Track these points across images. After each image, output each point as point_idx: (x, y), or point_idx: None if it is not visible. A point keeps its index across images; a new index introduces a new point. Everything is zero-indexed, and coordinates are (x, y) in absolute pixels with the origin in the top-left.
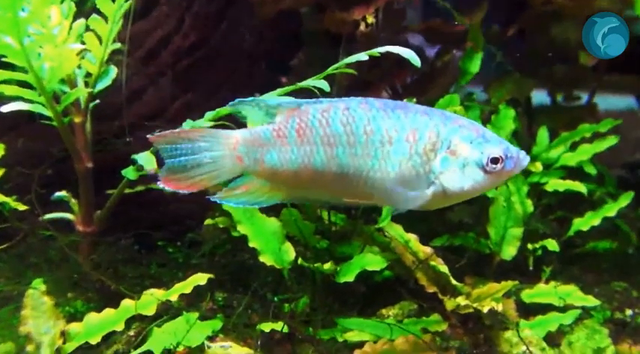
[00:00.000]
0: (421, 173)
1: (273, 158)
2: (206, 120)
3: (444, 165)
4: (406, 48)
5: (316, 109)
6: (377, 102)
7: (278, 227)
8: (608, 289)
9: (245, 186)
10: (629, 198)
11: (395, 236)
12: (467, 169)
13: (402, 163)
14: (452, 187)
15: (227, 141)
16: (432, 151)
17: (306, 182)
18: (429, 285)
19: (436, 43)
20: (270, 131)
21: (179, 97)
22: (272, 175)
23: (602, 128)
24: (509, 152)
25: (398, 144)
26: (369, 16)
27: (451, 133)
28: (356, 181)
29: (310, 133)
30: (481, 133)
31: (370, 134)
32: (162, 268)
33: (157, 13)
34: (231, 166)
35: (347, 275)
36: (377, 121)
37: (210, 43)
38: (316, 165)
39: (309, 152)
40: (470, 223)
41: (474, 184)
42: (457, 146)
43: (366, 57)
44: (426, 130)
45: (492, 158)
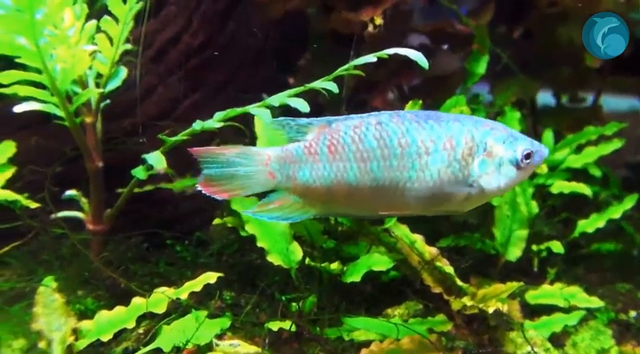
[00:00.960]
0: (460, 178)
1: (306, 175)
2: (215, 120)
3: (482, 167)
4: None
5: (347, 125)
6: (408, 114)
7: (286, 227)
8: (612, 290)
9: (278, 201)
10: (634, 200)
11: (401, 237)
12: (502, 168)
13: (440, 171)
14: (490, 186)
15: (259, 157)
16: (469, 155)
17: (340, 198)
18: (434, 285)
19: (442, 45)
20: (301, 149)
21: (188, 96)
22: (305, 191)
23: (607, 131)
24: (536, 147)
25: (436, 153)
26: (377, 18)
27: (485, 135)
28: (392, 193)
29: (342, 149)
30: (509, 132)
31: (406, 147)
32: (171, 267)
33: (165, 12)
34: (264, 181)
35: (353, 275)
36: (411, 133)
37: (218, 42)
38: (350, 180)
39: (342, 168)
40: (475, 224)
41: (509, 181)
42: (492, 147)
43: (374, 59)
44: (462, 136)
45: (525, 154)
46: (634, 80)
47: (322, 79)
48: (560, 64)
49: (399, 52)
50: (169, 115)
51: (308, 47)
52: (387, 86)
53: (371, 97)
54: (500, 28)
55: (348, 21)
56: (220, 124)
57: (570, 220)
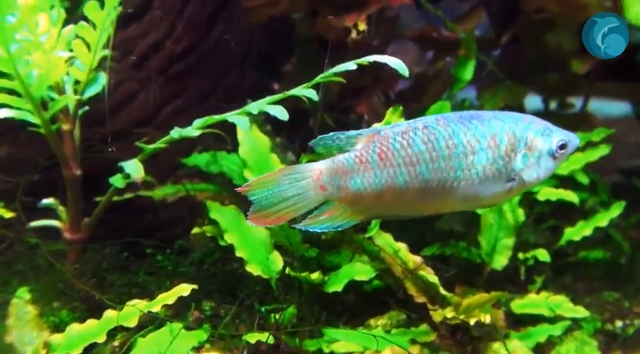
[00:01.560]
0: (504, 173)
1: (357, 184)
2: (194, 127)
3: (524, 161)
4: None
5: (395, 132)
6: (453, 115)
7: (266, 236)
8: (599, 299)
9: (329, 212)
10: (621, 207)
11: (384, 246)
12: (542, 159)
13: (486, 168)
14: (530, 178)
15: (311, 174)
16: (512, 151)
17: (388, 201)
18: (418, 295)
19: (429, 50)
20: (352, 159)
21: (170, 102)
22: (355, 198)
23: (595, 137)
24: (569, 137)
25: (481, 152)
26: (361, 24)
27: (524, 130)
28: (439, 193)
29: (392, 156)
30: (544, 124)
31: (453, 148)
32: (151, 277)
33: (149, 17)
34: (315, 196)
35: (335, 285)
36: (457, 135)
37: (202, 47)
38: (399, 184)
39: (393, 174)
40: (461, 232)
41: (547, 171)
42: (532, 141)
43: (354, 66)
44: (504, 133)
45: (561, 145)
46: (623, 86)
47: (302, 86)
48: (548, 69)
49: (378, 59)
50: (151, 121)
51: (294, 52)
52: (372, 92)
53: (356, 102)
54: (488, 34)
55: (332, 26)
56: (198, 132)
57: (558, 227)
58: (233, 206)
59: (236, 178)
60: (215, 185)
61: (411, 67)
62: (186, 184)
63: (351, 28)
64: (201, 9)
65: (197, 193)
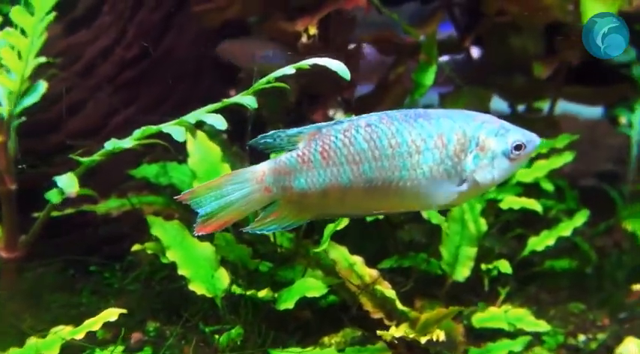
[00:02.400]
0: (453, 174)
1: (301, 183)
2: (132, 139)
3: (475, 162)
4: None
5: (337, 130)
6: (397, 114)
7: (211, 252)
8: (565, 310)
9: (275, 213)
10: (585, 216)
11: (339, 259)
12: (495, 160)
13: (433, 169)
14: (484, 180)
15: (254, 176)
16: (462, 151)
17: (335, 200)
18: (374, 310)
19: (389, 55)
20: (295, 158)
21: (120, 110)
22: (301, 198)
23: (559, 144)
24: (527, 137)
25: (427, 152)
26: (312, 28)
27: (476, 130)
28: (385, 192)
29: (335, 154)
30: (500, 124)
31: (396, 147)
32: (95, 295)
33: (99, 23)
34: (260, 197)
35: (287, 302)
36: (401, 133)
37: (155, 53)
38: (344, 183)
39: (336, 172)
40: (423, 243)
41: (502, 172)
42: (485, 142)
43: (292, 71)
44: (453, 132)
45: (516, 146)
46: (589, 90)
47: (242, 94)
48: (513, 73)
49: (317, 62)
50: (100, 131)
51: None
52: (328, 99)
53: (312, 109)
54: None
55: (283, 31)
56: (133, 143)
57: (525, 236)
58: (176, 221)
59: (186, 190)
60: (164, 197)
61: (373, 71)
62: (133, 197)
63: (302, 33)
64: (153, 14)
65: (145, 206)
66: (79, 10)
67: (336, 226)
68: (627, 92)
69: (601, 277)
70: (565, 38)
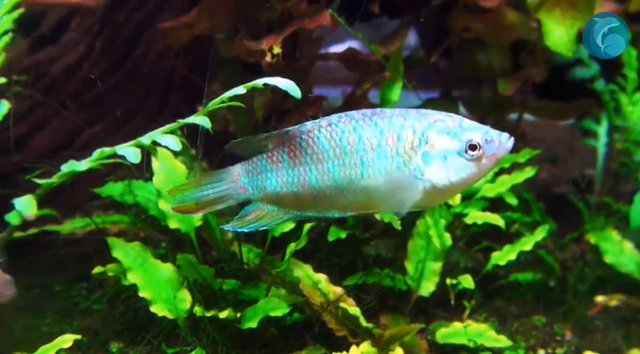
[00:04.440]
0: (407, 173)
1: (273, 183)
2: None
3: (425, 160)
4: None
5: (302, 131)
6: (356, 113)
7: (173, 273)
8: (528, 323)
9: (254, 213)
10: (545, 231)
11: (302, 277)
12: (449, 160)
13: (386, 166)
14: (440, 180)
15: (229, 176)
16: (411, 149)
17: (307, 200)
18: (338, 328)
19: (356, 71)
20: (265, 159)
21: (87, 128)
22: (276, 199)
23: (520, 158)
24: (488, 136)
25: (379, 149)
26: (276, 47)
27: (427, 128)
28: (352, 191)
29: (300, 154)
30: (458, 122)
31: (354, 144)
32: (60, 315)
33: (65, 39)
34: (237, 195)
35: (251, 321)
36: (357, 131)
37: (123, 69)
38: (312, 183)
39: (303, 172)
40: (389, 258)
41: (461, 174)
42: (434, 139)
43: (243, 91)
44: (403, 130)
45: (471, 145)
46: (555, 105)
47: (196, 114)
48: (480, 88)
49: (268, 81)
50: (66, 148)
51: (218, 74)
52: (295, 115)
53: (280, 126)
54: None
55: (249, 49)
56: (89, 165)
57: (491, 249)
58: (137, 243)
59: (151, 209)
60: (130, 216)
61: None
62: (98, 217)
63: (266, 51)
64: (120, 30)
65: (110, 225)
66: (46, 26)
67: (297, 246)
68: (591, 107)
69: (565, 290)
70: (529, 55)
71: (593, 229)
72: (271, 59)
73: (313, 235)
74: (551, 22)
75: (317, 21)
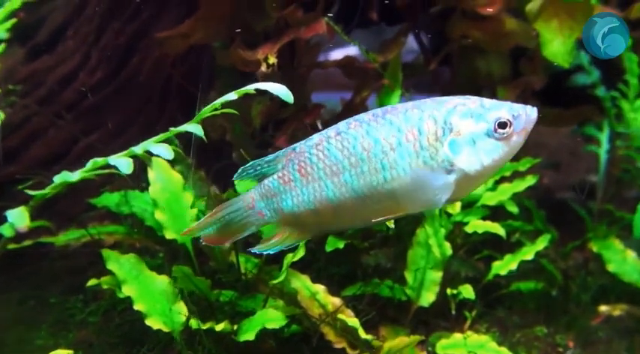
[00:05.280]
0: (435, 166)
1: (289, 204)
2: (82, 172)
3: (453, 149)
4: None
5: (309, 146)
6: (365, 115)
7: (168, 285)
8: (530, 334)
9: (277, 235)
10: (547, 240)
11: (300, 288)
12: (479, 144)
13: (411, 164)
14: (472, 167)
15: (245, 203)
16: (436, 140)
17: (327, 216)
18: (337, 340)
19: (355, 79)
20: (276, 180)
21: (83, 137)
22: (295, 219)
23: (521, 167)
24: (514, 111)
25: (400, 148)
26: (271, 57)
27: (448, 115)
28: (376, 198)
29: (312, 169)
30: (478, 103)
31: (370, 148)
32: (55, 328)
33: (62, 48)
34: (256, 221)
35: (247, 333)
36: (372, 134)
37: (119, 78)
38: (330, 197)
39: (318, 187)
40: (387, 267)
41: (493, 155)
42: (459, 125)
43: (235, 96)
44: (422, 122)
45: (500, 123)
46: (555, 111)
47: (190, 122)
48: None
49: (259, 87)
50: (62, 158)
51: (215, 83)
52: (292, 124)
53: (278, 135)
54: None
55: (244, 59)
56: (82, 176)
57: (492, 257)
58: (132, 255)
59: (148, 219)
60: (125, 227)
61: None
62: (93, 228)
63: (262, 61)
64: (117, 38)
65: (105, 236)
66: (43, 35)
67: (295, 257)
68: (592, 113)
69: (567, 299)
70: (529, 62)
71: (595, 238)
72: (267, 69)
73: (312, 244)
74: (548, 32)
75: (313, 29)
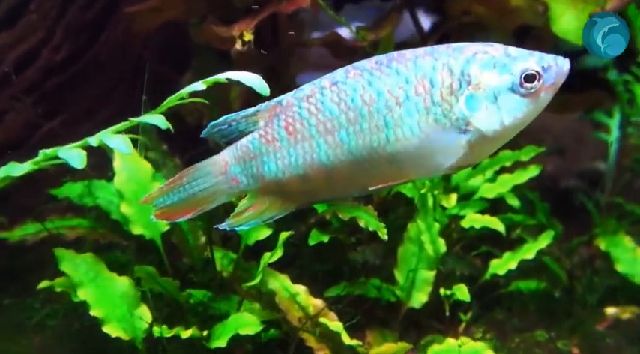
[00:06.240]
0: (448, 125)
1: (272, 169)
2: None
3: (470, 105)
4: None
5: (299, 98)
6: (367, 63)
7: (129, 288)
8: (531, 339)
9: (253, 207)
10: (550, 237)
11: (279, 289)
12: (500, 99)
13: (420, 122)
14: (490, 127)
15: (215, 168)
16: (451, 94)
17: (319, 183)
18: (318, 346)
19: (342, 58)
20: (257, 139)
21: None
22: (278, 186)
23: (523, 157)
24: (544, 62)
25: (408, 102)
26: (247, 34)
27: (467, 64)
28: (376, 161)
29: (302, 126)
30: (502, 51)
31: (372, 103)
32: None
33: (23, 22)
34: (229, 189)
35: (220, 339)
36: (374, 85)
37: (87, 56)
38: (322, 160)
39: (309, 148)
40: (376, 264)
41: (516, 114)
42: (479, 77)
43: (203, 86)
44: (436, 72)
45: (527, 76)
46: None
47: (151, 112)
48: None
49: (231, 76)
50: (23, 144)
51: (192, 61)
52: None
53: None
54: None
55: (217, 36)
56: (31, 169)
57: (491, 253)
58: (89, 255)
59: (113, 212)
60: (89, 220)
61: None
62: (53, 221)
63: (237, 39)
64: (85, 12)
65: (67, 231)
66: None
67: (272, 257)
68: (602, 99)
69: (572, 300)
70: (535, 42)
71: (603, 233)
72: (242, 47)
73: (294, 239)
74: (559, 5)
75: (295, 4)
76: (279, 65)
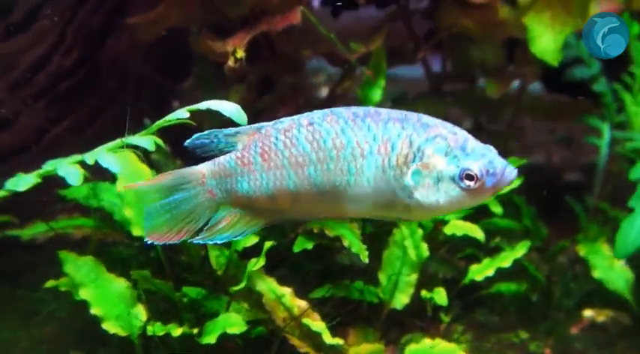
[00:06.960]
0: (397, 188)
1: (244, 187)
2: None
3: (415, 179)
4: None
5: (278, 130)
6: (345, 111)
7: (126, 288)
8: (506, 339)
9: (225, 220)
10: (526, 247)
11: (265, 291)
12: (441, 184)
13: (376, 177)
14: (427, 201)
15: (195, 177)
16: (404, 163)
17: (285, 205)
18: (301, 345)
19: (338, 66)
20: (234, 160)
21: (57, 123)
22: (248, 203)
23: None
24: (492, 168)
25: (370, 157)
26: (239, 51)
27: (424, 143)
28: (336, 197)
29: (276, 156)
30: (461, 143)
31: (341, 148)
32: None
33: (35, 28)
34: (207, 201)
35: (210, 336)
36: (346, 134)
37: (95, 61)
38: (290, 187)
39: (280, 176)
40: (363, 268)
41: (451, 199)
42: (430, 158)
43: (186, 114)
44: (399, 140)
45: (467, 174)
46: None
47: (139, 135)
48: (473, 83)
49: (211, 106)
50: (35, 145)
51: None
52: (271, 114)
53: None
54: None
55: (213, 50)
56: (30, 184)
57: (475, 256)
58: (90, 258)
59: (117, 213)
60: (95, 220)
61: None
62: (61, 220)
63: (229, 55)
64: (93, 18)
65: (73, 230)
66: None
67: (256, 265)
68: (592, 107)
69: (549, 304)
70: (523, 53)
71: (584, 240)
72: (234, 64)
73: (285, 240)
74: (538, 26)
75: (287, 20)
76: (274, 74)
